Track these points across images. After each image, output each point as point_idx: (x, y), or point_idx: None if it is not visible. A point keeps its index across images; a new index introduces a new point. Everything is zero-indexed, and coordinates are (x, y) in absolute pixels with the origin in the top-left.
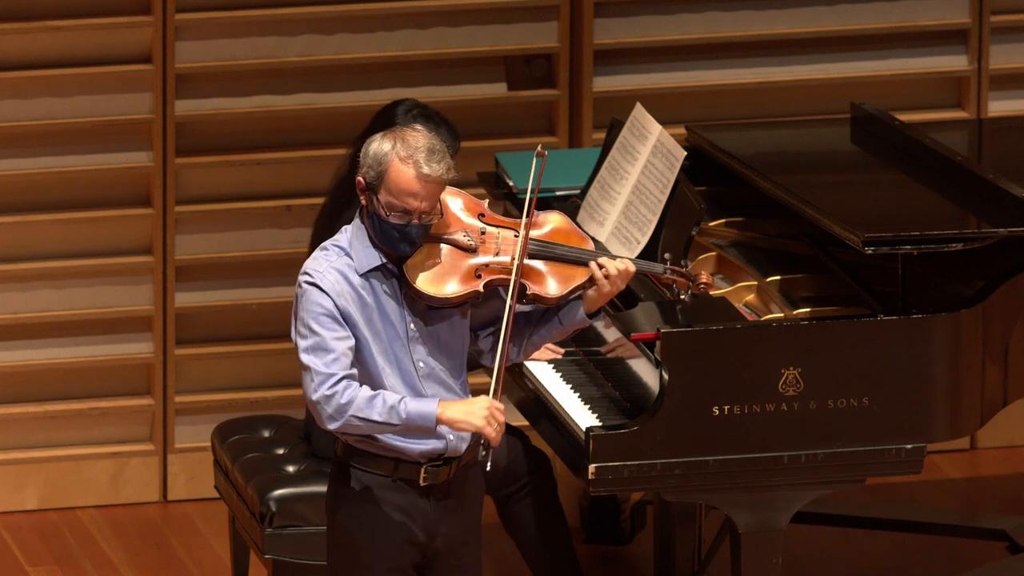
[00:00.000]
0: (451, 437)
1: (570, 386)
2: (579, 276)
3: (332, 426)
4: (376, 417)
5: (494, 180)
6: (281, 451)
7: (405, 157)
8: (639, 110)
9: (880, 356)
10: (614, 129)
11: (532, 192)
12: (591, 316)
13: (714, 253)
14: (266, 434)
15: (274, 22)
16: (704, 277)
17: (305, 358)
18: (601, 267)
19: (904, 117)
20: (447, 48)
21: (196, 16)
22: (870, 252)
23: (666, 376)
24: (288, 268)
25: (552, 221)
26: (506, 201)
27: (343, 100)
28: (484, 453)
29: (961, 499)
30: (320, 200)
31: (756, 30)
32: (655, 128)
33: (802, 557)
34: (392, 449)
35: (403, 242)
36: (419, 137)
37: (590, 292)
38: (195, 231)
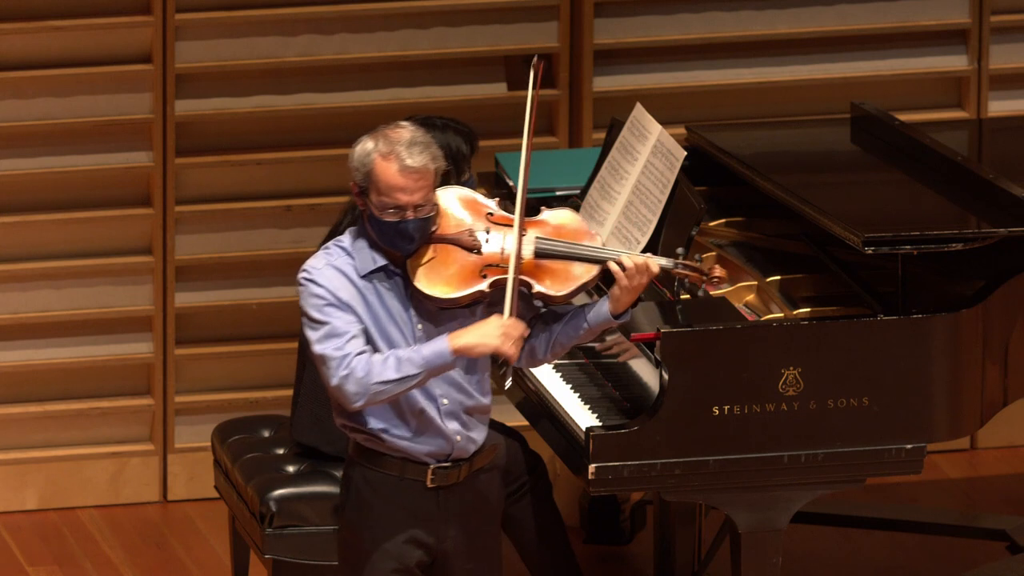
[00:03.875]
0: (458, 439)
1: (570, 386)
2: (585, 274)
3: (359, 403)
4: (395, 375)
5: (494, 180)
6: (281, 451)
7: (387, 153)
8: (639, 110)
9: (880, 356)
10: (614, 129)
11: (522, 190)
12: (617, 316)
13: (714, 253)
14: (266, 434)
15: (274, 22)
16: (717, 271)
17: (318, 349)
18: (618, 263)
19: (904, 117)
20: (447, 48)
21: (196, 16)
22: (870, 252)
23: (666, 376)
24: (288, 268)
25: (560, 219)
26: (507, 201)
27: (343, 100)
28: (503, 371)
29: (961, 499)
30: (320, 200)
31: (756, 30)
32: (655, 128)
33: (802, 557)
34: (399, 450)
35: (402, 239)
36: (401, 132)
37: (615, 290)
38: (195, 231)
